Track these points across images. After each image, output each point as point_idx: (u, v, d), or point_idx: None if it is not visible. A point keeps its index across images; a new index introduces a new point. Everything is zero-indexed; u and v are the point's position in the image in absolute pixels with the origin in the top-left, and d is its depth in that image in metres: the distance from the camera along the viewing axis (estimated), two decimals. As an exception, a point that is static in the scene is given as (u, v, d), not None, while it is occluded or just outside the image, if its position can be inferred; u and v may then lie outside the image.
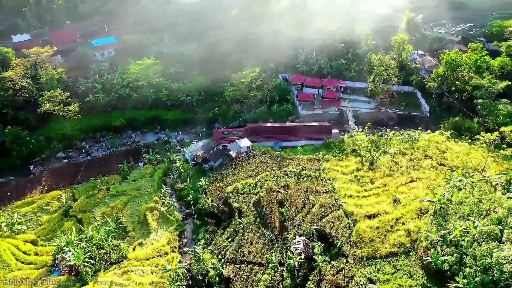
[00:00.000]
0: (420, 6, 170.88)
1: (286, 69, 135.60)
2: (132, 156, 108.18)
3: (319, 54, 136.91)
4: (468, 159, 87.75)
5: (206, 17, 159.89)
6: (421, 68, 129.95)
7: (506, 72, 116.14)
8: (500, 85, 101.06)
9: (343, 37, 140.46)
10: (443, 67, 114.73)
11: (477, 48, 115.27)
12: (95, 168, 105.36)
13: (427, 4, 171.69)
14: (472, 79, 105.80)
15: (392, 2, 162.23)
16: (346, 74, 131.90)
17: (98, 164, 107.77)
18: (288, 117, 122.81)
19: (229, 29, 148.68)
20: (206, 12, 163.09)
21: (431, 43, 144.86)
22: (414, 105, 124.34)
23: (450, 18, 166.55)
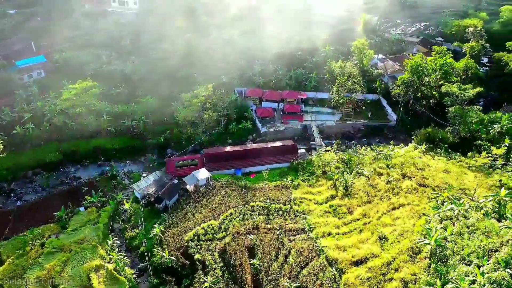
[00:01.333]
0: (373, 7, 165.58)
1: (241, 83, 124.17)
2: (72, 198, 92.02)
3: (276, 64, 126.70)
4: (450, 177, 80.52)
5: (148, 28, 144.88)
6: (384, 73, 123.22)
7: (471, 75, 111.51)
8: (472, 91, 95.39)
9: (300, 44, 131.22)
10: (407, 73, 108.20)
11: (441, 51, 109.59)
12: (27, 216, 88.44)
13: (378, 4, 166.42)
14: (442, 86, 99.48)
15: (345, 3, 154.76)
16: (307, 84, 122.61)
17: (31, 211, 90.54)
18: (248, 136, 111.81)
19: (175, 42, 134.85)
20: (148, 23, 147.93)
21: (390, 46, 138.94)
22: (380, 114, 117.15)
23: (401, 18, 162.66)
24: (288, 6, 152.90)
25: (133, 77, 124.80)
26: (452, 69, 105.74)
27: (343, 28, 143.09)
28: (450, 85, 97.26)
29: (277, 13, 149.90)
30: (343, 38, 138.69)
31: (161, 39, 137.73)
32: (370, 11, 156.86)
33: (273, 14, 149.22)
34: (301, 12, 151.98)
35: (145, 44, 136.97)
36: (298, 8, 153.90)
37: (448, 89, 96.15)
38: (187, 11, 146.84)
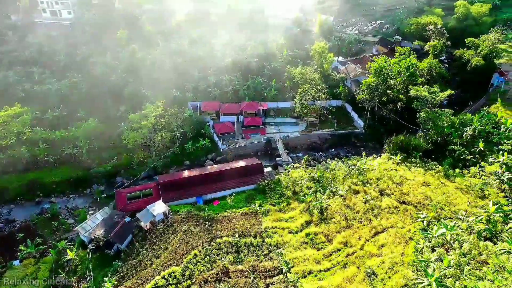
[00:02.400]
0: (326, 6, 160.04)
1: (195, 96, 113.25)
2: (4, 248, 77.75)
3: (232, 74, 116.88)
4: (430, 191, 74.45)
5: (86, 40, 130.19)
6: (347, 77, 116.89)
7: (435, 74, 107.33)
8: (442, 94, 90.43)
9: (255, 50, 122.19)
10: (372, 77, 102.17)
11: (405, 52, 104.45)
12: (-52, 277, 73.36)
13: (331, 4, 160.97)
14: (410, 89, 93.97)
15: (298, 4, 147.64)
16: (266, 93, 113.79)
17: (-46, 269, 75.68)
18: (207, 155, 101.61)
19: (119, 54, 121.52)
20: (86, 35, 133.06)
21: (349, 47, 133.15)
22: (346, 121, 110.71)
23: (356, 16, 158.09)
24: (240, 10, 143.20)
25: (71, 97, 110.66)
26: (416, 70, 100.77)
27: (299, 30, 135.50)
28: (419, 88, 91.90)
29: (228, 17, 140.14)
30: (300, 41, 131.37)
31: (102, 52, 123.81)
32: (323, 11, 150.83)
33: (224, 19, 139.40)
34: (254, 15, 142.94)
35: (84, 58, 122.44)
36: (250, 11, 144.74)
37: (418, 94, 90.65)
38: (129, 19, 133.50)
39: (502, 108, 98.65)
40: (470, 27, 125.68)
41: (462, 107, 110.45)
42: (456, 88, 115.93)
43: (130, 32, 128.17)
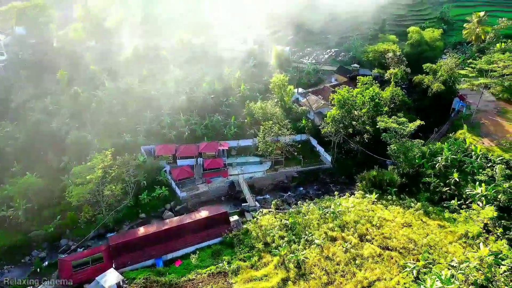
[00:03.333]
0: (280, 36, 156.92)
1: (149, 139, 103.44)
2: None
3: (188, 112, 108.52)
4: (413, 233, 68.74)
5: (22, 84, 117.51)
6: (309, 110, 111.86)
7: (399, 103, 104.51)
8: (412, 125, 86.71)
9: (211, 86, 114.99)
10: (335, 109, 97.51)
11: (367, 81, 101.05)
12: None
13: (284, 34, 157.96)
14: (377, 120, 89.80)
15: (252, 36, 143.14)
16: (226, 132, 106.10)
17: None
18: (166, 205, 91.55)
19: (60, 98, 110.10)
20: (21, 77, 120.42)
21: (308, 77, 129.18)
22: (313, 156, 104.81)
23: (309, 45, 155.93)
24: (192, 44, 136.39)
25: (5, 149, 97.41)
26: (381, 100, 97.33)
27: (255, 62, 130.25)
28: (387, 120, 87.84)
29: (180, 52, 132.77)
30: (258, 74, 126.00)
31: (40, 96, 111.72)
32: (278, 42, 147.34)
33: (176, 54, 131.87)
34: (207, 48, 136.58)
35: (19, 104, 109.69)
36: (203, 45, 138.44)
37: (386, 125, 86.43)
38: (70, 59, 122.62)
39: (469, 134, 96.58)
40: (424, 52, 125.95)
41: (425, 133, 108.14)
42: (417, 114, 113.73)
43: (72, 73, 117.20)
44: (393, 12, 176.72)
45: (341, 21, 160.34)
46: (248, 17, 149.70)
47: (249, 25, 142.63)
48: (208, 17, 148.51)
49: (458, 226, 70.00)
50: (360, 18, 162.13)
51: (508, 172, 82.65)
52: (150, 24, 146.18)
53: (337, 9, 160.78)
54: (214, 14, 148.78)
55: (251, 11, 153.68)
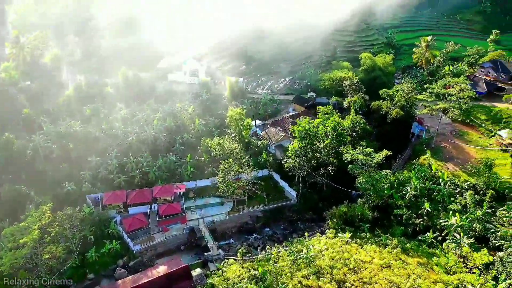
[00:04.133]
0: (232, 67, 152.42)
1: (95, 187, 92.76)
2: None
3: (138, 154, 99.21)
4: (393, 275, 63.46)
5: None
6: (269, 143, 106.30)
7: (360, 131, 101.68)
8: (379, 156, 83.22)
9: (163, 123, 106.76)
10: (297, 141, 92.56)
11: (328, 111, 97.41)
12: None
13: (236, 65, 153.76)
14: (341, 152, 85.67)
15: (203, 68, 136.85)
16: (182, 172, 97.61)
17: None
18: (118, 261, 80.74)
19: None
20: None
21: (265, 108, 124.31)
22: (277, 193, 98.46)
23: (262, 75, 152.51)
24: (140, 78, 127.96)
25: None
26: (343, 129, 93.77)
27: (209, 95, 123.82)
28: (353, 152, 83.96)
29: (127, 88, 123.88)
30: (212, 108, 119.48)
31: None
32: (231, 73, 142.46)
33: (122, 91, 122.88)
34: (156, 83, 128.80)
35: None
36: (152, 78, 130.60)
37: (353, 157, 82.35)
38: (1, 102, 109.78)
39: (433, 159, 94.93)
40: (378, 77, 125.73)
41: (388, 159, 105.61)
42: (378, 141, 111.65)
43: (4, 117, 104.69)
44: (341, 39, 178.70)
45: (291, 50, 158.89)
46: (197, 48, 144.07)
47: (199, 57, 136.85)
48: (156, 50, 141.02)
49: (439, 263, 65.85)
50: (310, 46, 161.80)
51: (478, 197, 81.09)
52: (92, 60, 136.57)
53: (286, 38, 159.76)
54: (162, 47, 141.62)
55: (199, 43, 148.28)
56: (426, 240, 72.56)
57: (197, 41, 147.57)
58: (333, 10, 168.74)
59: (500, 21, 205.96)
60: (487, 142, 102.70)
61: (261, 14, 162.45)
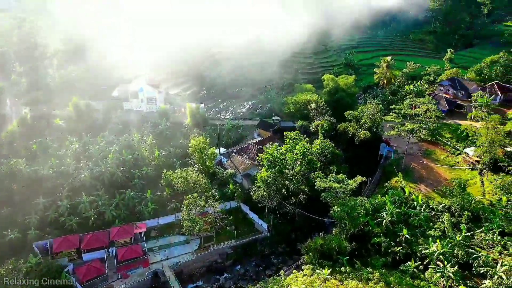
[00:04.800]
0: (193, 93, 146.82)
1: (43, 233, 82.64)
2: None
3: (92, 192, 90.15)
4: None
5: None
6: (235, 173, 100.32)
7: (329, 155, 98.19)
8: (353, 182, 79.33)
9: (120, 156, 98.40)
10: (266, 170, 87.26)
11: (296, 136, 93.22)
12: None
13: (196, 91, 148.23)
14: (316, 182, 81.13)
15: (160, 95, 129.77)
16: (142, 210, 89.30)
17: None
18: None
19: None
20: None
21: (228, 135, 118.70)
22: (246, 226, 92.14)
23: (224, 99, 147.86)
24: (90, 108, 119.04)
25: None
26: (312, 155, 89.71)
27: (169, 124, 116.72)
28: (326, 180, 79.59)
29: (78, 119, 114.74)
30: (173, 137, 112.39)
31: None
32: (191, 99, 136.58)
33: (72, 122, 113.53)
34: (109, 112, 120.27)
35: None
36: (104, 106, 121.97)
37: (326, 186, 78.01)
38: None
39: (404, 181, 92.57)
40: (342, 98, 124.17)
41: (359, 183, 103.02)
42: (347, 163, 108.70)
43: None
44: (301, 61, 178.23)
45: (251, 74, 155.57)
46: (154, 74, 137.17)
47: (156, 83, 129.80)
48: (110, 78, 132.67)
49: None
50: (270, 69, 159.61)
51: (454, 219, 78.91)
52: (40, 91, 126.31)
53: (244, 62, 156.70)
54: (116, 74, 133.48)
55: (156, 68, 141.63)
56: (408, 270, 68.54)
57: (154, 66, 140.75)
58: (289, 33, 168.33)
59: (450, 40, 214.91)
60: (454, 161, 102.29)
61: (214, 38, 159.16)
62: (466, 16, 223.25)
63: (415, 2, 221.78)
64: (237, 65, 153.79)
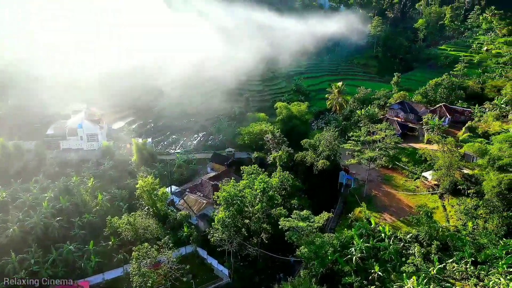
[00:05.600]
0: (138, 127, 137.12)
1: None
2: None
3: (23, 249, 77.59)
4: None
5: None
6: (190, 213, 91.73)
7: (289, 188, 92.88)
8: (319, 219, 74.13)
9: (55, 204, 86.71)
10: (223, 209, 79.93)
11: (254, 171, 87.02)
12: None
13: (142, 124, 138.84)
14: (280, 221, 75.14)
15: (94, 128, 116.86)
16: (84, 264, 77.83)
17: None
18: None
19: None
20: None
21: (180, 171, 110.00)
22: (205, 272, 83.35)
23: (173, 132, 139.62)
24: (20, 148, 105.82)
25: None
26: (272, 189, 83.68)
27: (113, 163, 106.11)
28: (291, 219, 73.78)
29: (5, 162, 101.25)
30: (118, 178, 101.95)
31: None
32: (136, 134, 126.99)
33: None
34: (43, 154, 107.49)
35: None
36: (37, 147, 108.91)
37: (292, 225, 72.05)
38: None
39: (368, 212, 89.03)
40: (296, 126, 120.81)
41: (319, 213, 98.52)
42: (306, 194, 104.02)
43: None
44: (251, 89, 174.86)
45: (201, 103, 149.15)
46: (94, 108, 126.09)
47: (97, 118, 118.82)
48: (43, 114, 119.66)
49: None
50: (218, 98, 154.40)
51: (424, 250, 75.70)
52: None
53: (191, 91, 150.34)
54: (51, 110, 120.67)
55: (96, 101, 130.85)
56: (385, 313, 63.53)
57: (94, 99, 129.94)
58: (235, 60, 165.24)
59: (392, 64, 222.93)
60: (413, 185, 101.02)
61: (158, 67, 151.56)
62: (403, 41, 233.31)
63: (356, 28, 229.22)
64: (184, 94, 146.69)
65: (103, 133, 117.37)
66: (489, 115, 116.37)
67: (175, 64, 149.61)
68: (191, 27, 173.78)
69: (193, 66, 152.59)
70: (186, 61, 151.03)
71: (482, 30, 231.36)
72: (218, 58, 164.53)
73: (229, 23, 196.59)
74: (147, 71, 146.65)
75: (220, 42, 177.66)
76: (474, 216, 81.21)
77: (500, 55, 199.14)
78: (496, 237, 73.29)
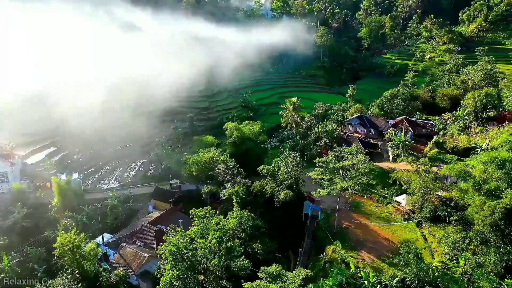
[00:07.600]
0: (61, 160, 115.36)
1: None
2: None
3: None
4: None
5: None
6: (129, 273, 73.21)
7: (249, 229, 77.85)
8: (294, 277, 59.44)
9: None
10: (170, 267, 63.25)
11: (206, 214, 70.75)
12: None
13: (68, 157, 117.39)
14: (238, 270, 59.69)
15: (2, 165, 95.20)
16: None
17: None
18: None
19: None
20: None
21: (114, 214, 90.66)
22: None
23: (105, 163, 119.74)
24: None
25: None
26: (231, 237, 68.42)
27: (26, 210, 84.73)
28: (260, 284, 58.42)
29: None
30: (33, 230, 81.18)
31: None
32: (60, 169, 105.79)
33: None
34: None
35: None
36: None
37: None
38: None
39: (343, 251, 76.07)
40: (251, 149, 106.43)
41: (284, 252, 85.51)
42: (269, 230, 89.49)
43: None
44: (196, 106, 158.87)
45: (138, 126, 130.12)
46: (3, 140, 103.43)
47: (6, 152, 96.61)
48: None
49: None
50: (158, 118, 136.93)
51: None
52: None
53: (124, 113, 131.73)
54: None
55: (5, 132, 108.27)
56: None
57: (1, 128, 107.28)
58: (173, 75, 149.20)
59: (339, 74, 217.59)
60: (386, 212, 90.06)
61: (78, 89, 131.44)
62: (349, 50, 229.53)
63: (302, 38, 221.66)
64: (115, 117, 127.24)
65: (15, 172, 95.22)
66: (453, 128, 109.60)
67: (103, 83, 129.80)
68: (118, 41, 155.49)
69: (124, 84, 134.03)
70: (114, 79, 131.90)
71: (423, 38, 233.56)
72: (152, 75, 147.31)
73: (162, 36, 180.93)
74: (69, 91, 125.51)
75: (153, 56, 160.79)
76: (464, 248, 71.21)
77: (444, 62, 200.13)
78: (495, 277, 63.20)
